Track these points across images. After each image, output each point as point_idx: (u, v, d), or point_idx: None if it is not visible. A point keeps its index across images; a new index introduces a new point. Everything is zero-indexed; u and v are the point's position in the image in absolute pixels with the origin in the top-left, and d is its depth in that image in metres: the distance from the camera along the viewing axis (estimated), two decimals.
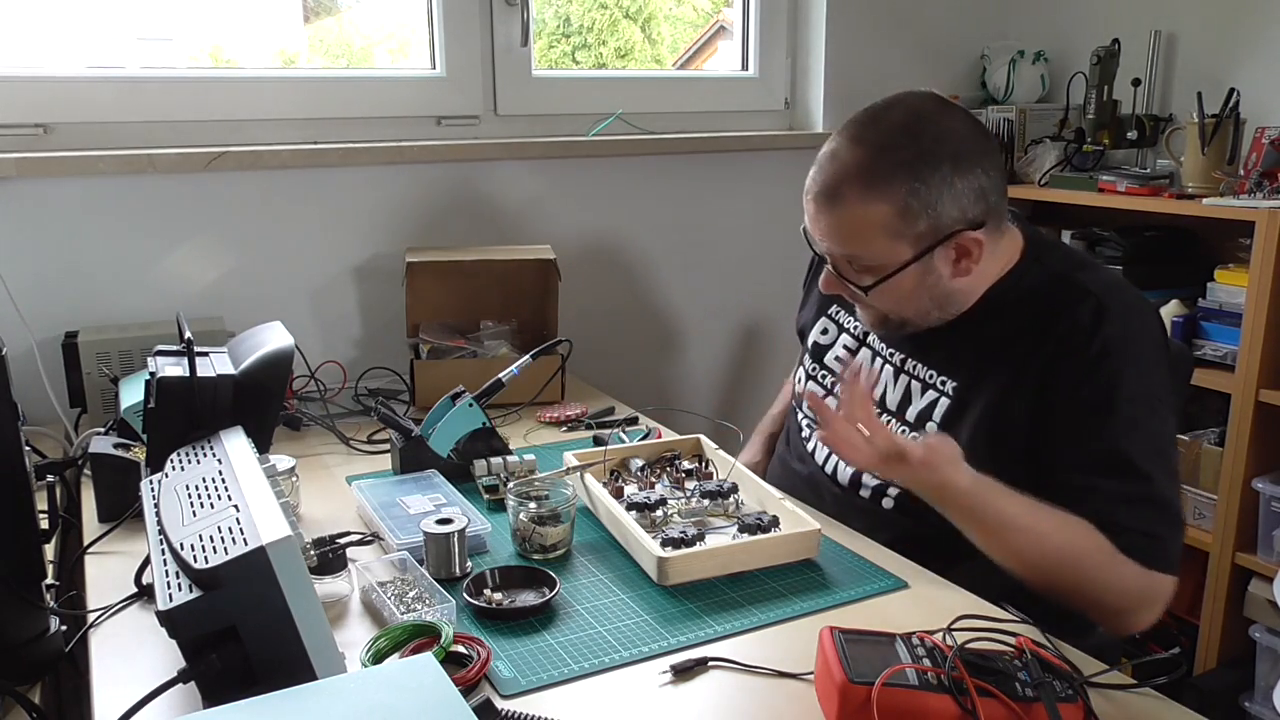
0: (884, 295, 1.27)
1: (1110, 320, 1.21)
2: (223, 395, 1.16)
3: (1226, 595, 2.10)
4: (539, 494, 1.27)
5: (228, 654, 0.82)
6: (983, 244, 1.23)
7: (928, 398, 1.32)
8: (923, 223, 1.20)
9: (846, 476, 1.40)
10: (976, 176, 1.22)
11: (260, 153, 1.92)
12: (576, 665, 1.01)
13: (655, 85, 2.42)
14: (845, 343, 1.47)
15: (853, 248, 1.24)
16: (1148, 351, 1.23)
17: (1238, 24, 2.29)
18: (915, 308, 1.29)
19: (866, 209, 1.20)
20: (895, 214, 1.20)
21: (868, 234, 1.22)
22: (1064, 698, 0.86)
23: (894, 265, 1.23)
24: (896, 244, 1.22)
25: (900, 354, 1.37)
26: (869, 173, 1.20)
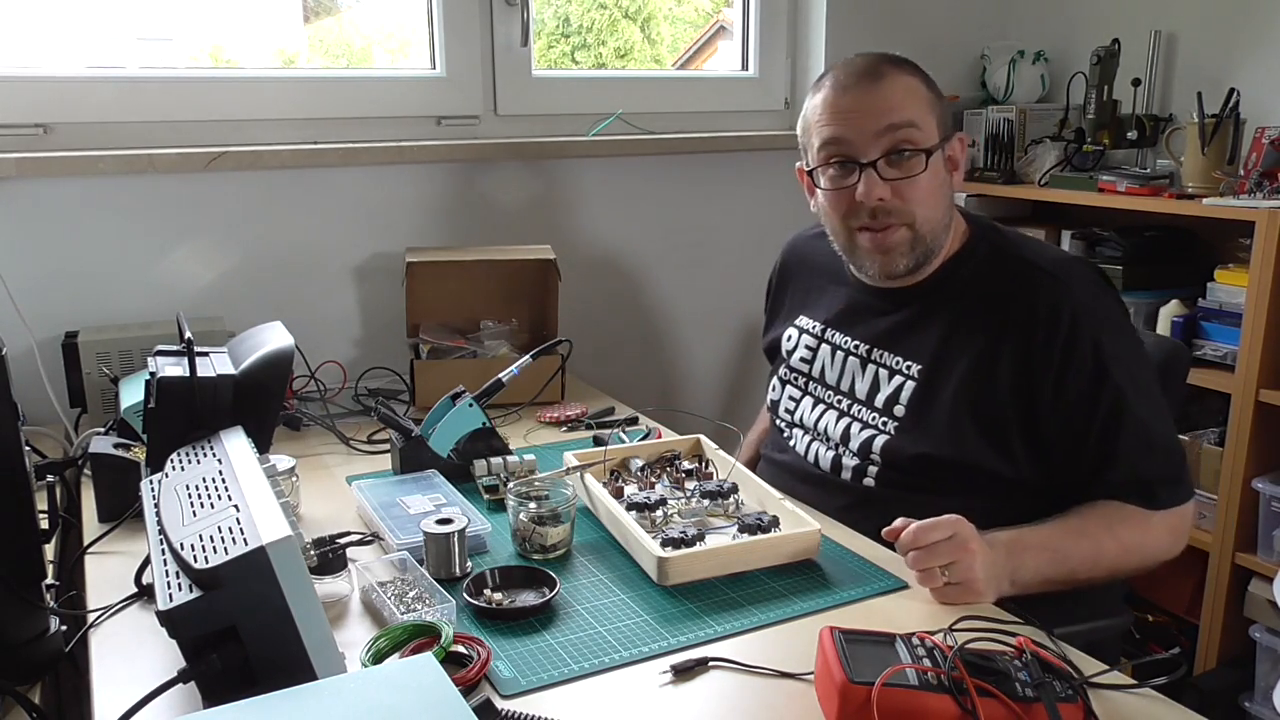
0: (926, 185, 1.32)
1: (1070, 293, 1.30)
2: (223, 395, 1.16)
3: (1226, 595, 2.10)
4: (539, 494, 1.27)
5: (228, 654, 0.82)
6: (965, 148, 1.39)
7: (894, 383, 1.39)
8: (939, 106, 1.35)
9: (827, 461, 1.44)
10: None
11: (260, 153, 1.92)
12: (576, 665, 1.01)
13: (655, 85, 2.42)
14: (806, 342, 1.53)
15: (909, 112, 1.31)
16: (1110, 309, 1.33)
17: (1238, 24, 2.29)
18: (942, 211, 1.35)
19: (909, 79, 1.33)
20: (925, 88, 1.34)
21: (915, 99, 1.32)
22: (1064, 698, 0.86)
23: (934, 140, 1.32)
24: (931, 118, 1.33)
25: (865, 345, 1.44)
26: (891, 60, 1.35)
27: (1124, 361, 1.29)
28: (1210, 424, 2.19)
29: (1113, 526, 1.26)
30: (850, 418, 1.43)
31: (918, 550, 1.13)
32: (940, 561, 1.12)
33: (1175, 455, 1.31)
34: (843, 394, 1.45)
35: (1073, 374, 1.27)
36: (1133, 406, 1.27)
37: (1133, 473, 1.27)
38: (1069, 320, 1.27)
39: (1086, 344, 1.27)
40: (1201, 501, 2.15)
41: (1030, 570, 1.19)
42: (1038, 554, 1.21)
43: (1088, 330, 1.27)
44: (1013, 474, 1.32)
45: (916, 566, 1.13)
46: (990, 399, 1.30)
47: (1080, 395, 1.27)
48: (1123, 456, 1.27)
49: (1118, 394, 1.27)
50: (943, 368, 1.34)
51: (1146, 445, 1.28)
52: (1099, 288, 1.34)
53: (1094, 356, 1.27)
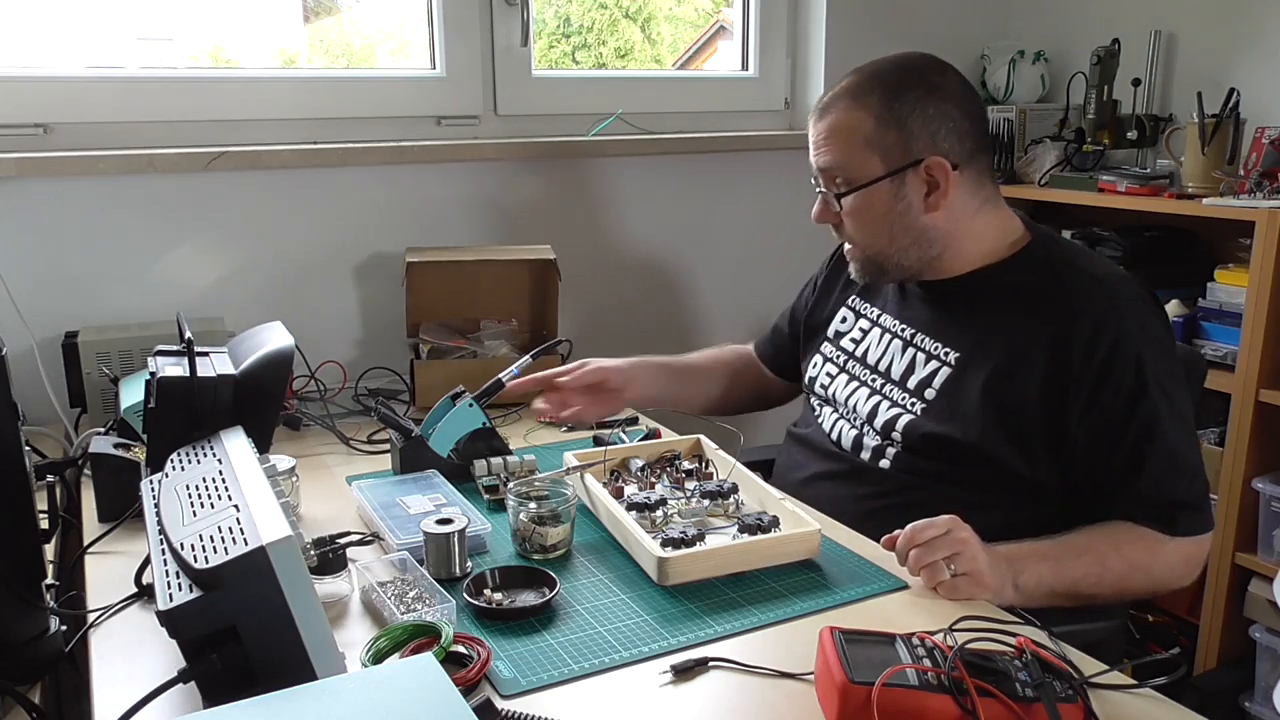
0: (859, 217, 1.37)
1: (1120, 308, 1.29)
2: (223, 395, 1.16)
3: (1226, 595, 2.10)
4: (539, 494, 1.27)
5: (228, 654, 0.82)
6: (951, 179, 1.33)
7: (930, 367, 1.39)
8: (893, 135, 1.32)
9: (849, 439, 1.46)
10: (950, 113, 1.33)
11: (260, 153, 1.92)
12: (576, 665, 1.01)
13: (655, 85, 2.42)
14: (861, 325, 1.54)
15: (834, 154, 1.36)
16: (1158, 330, 1.32)
17: (1238, 24, 2.29)
18: (890, 239, 1.37)
19: (848, 115, 1.34)
20: (872, 122, 1.33)
21: (847, 140, 1.34)
22: (1064, 698, 0.86)
23: (866, 178, 1.34)
24: (871, 155, 1.33)
25: (910, 329, 1.45)
26: (855, 88, 1.36)
27: (1163, 382, 1.27)
28: (1210, 424, 2.19)
29: (1120, 545, 1.25)
30: (881, 396, 1.43)
31: (918, 548, 1.13)
32: (941, 555, 1.12)
33: (1200, 484, 1.29)
34: (879, 374, 1.45)
35: (1110, 387, 1.26)
36: (1166, 428, 1.26)
37: (1155, 493, 1.26)
38: (1113, 333, 1.27)
39: (1129, 359, 1.26)
40: None
41: (1032, 577, 1.19)
42: (1038, 562, 1.20)
43: (1133, 346, 1.26)
44: (1029, 474, 1.31)
45: (919, 564, 1.13)
46: (1018, 396, 1.30)
47: (1114, 409, 1.26)
48: (1147, 475, 1.26)
49: (1153, 413, 1.25)
50: (977, 357, 1.34)
51: (1173, 468, 1.27)
52: (1146, 305, 1.33)
53: (1135, 373, 1.26)
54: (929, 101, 1.32)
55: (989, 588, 1.13)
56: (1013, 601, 1.16)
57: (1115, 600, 1.27)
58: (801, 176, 2.45)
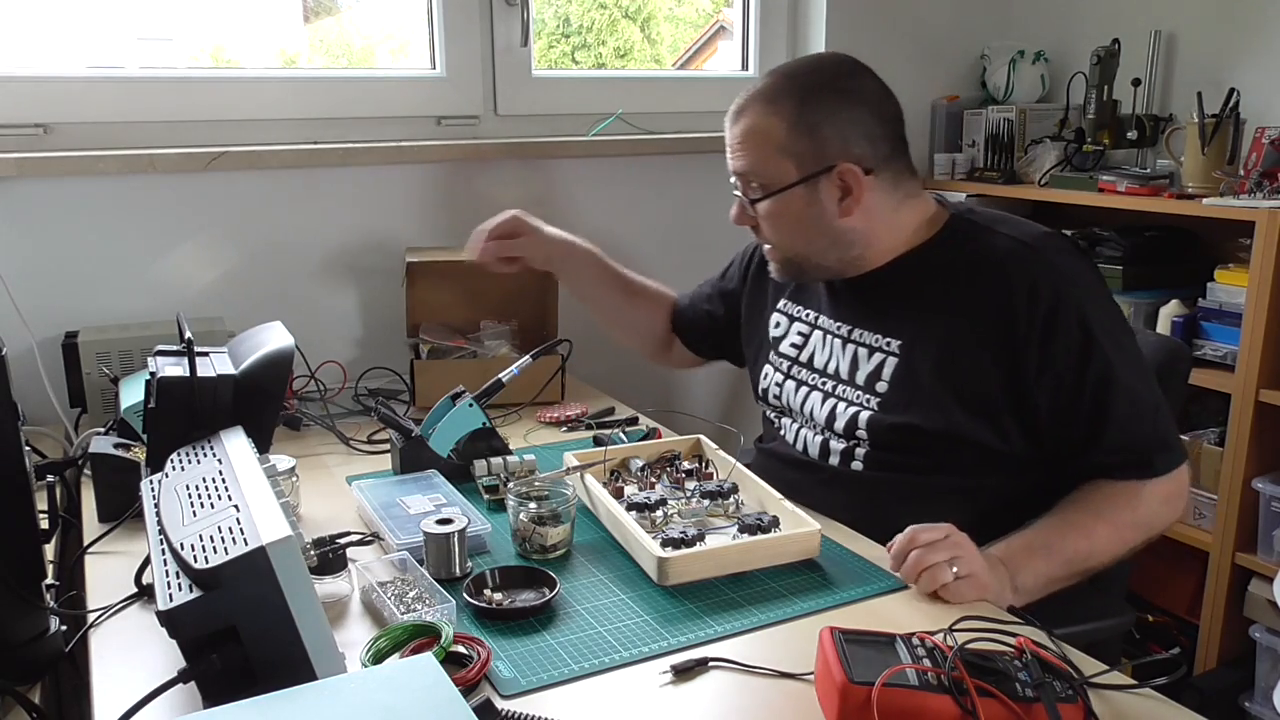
0: (774, 221, 1.38)
1: (1049, 264, 1.30)
2: (223, 395, 1.16)
3: (1226, 595, 2.10)
4: (539, 494, 1.27)
5: (228, 654, 0.82)
6: (863, 184, 1.33)
7: (875, 360, 1.39)
8: (805, 142, 1.32)
9: (815, 447, 1.45)
10: (863, 118, 1.34)
11: (260, 153, 1.92)
12: (576, 665, 1.01)
13: (655, 85, 2.42)
14: (799, 329, 1.53)
15: (749, 160, 1.36)
16: (1091, 280, 1.33)
17: (1238, 24, 2.29)
18: (807, 242, 1.38)
19: (762, 121, 1.35)
20: (785, 128, 1.33)
21: (761, 145, 1.35)
22: (1064, 698, 0.86)
23: (780, 184, 1.35)
24: (784, 161, 1.34)
25: (847, 325, 1.45)
26: (769, 92, 1.36)
27: (1109, 329, 1.29)
28: (1210, 424, 2.19)
29: (1101, 511, 1.26)
30: (835, 397, 1.43)
31: (919, 549, 1.13)
32: (942, 557, 1.12)
33: (1164, 419, 1.31)
34: (828, 376, 1.45)
35: (1059, 345, 1.27)
36: (1121, 374, 1.27)
37: (1124, 440, 1.27)
38: (1049, 291, 1.27)
39: (1071, 315, 1.27)
40: (1201, 501, 2.15)
41: (1030, 573, 1.20)
42: (1030, 557, 1.21)
43: (1071, 299, 1.28)
44: (1001, 446, 1.32)
45: (921, 565, 1.13)
46: (971, 373, 1.31)
47: (1068, 366, 1.27)
48: (1113, 423, 1.27)
49: (1105, 361, 1.27)
50: (920, 342, 1.35)
51: (1136, 412, 1.28)
52: (1074, 257, 1.34)
53: (1080, 326, 1.27)
54: (841, 107, 1.33)
55: (986, 590, 1.14)
56: (1014, 603, 1.17)
57: (1113, 564, 1.27)
58: None
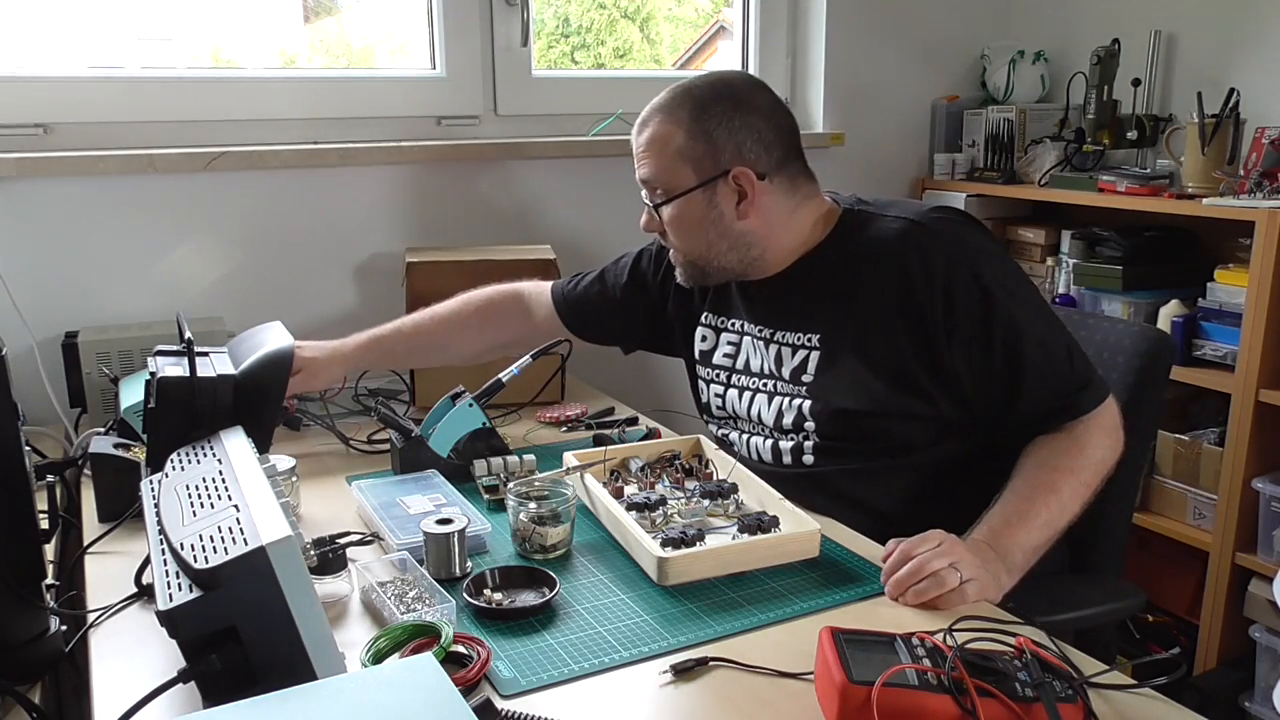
0: (677, 225, 1.42)
1: (935, 234, 1.36)
2: (223, 395, 1.16)
3: (1226, 595, 2.10)
4: (539, 494, 1.27)
5: (228, 654, 0.82)
6: (757, 187, 1.38)
7: (799, 356, 1.43)
8: (702, 147, 1.38)
9: (768, 451, 1.47)
10: (756, 125, 1.38)
11: (260, 153, 1.92)
12: (576, 665, 1.01)
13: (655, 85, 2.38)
14: (728, 339, 1.55)
15: (651, 167, 1.41)
16: (978, 241, 1.38)
17: (1238, 24, 2.29)
18: (708, 245, 1.42)
19: (662, 129, 1.40)
20: (683, 136, 1.38)
21: (662, 153, 1.40)
22: (1064, 698, 0.86)
23: (680, 188, 1.40)
24: (683, 167, 1.39)
25: (767, 328, 1.48)
26: (668, 103, 1.42)
27: (1005, 285, 1.33)
28: (1210, 424, 2.19)
29: (1053, 463, 1.29)
30: (778, 395, 1.46)
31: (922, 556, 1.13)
32: (942, 564, 1.12)
33: (1078, 358, 1.35)
34: (765, 376, 1.48)
35: (961, 310, 1.31)
36: (1025, 325, 1.31)
37: (1046, 386, 1.31)
38: (943, 258, 1.32)
39: (965, 274, 1.31)
40: (1201, 501, 2.15)
41: (1017, 551, 1.21)
42: (1010, 532, 1.22)
43: (962, 262, 1.32)
44: (933, 414, 1.36)
45: (924, 571, 1.12)
46: (887, 351, 1.35)
47: (974, 327, 1.31)
48: (1031, 373, 1.31)
49: (1008, 317, 1.31)
50: (836, 333, 1.39)
51: (1050, 357, 1.32)
52: (963, 226, 1.40)
53: (977, 287, 1.31)
54: (734, 115, 1.38)
55: (987, 590, 1.14)
56: (1010, 585, 1.18)
57: (1084, 509, 1.29)
58: None
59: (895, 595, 1.13)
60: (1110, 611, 1.39)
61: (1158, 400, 1.57)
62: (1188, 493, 2.16)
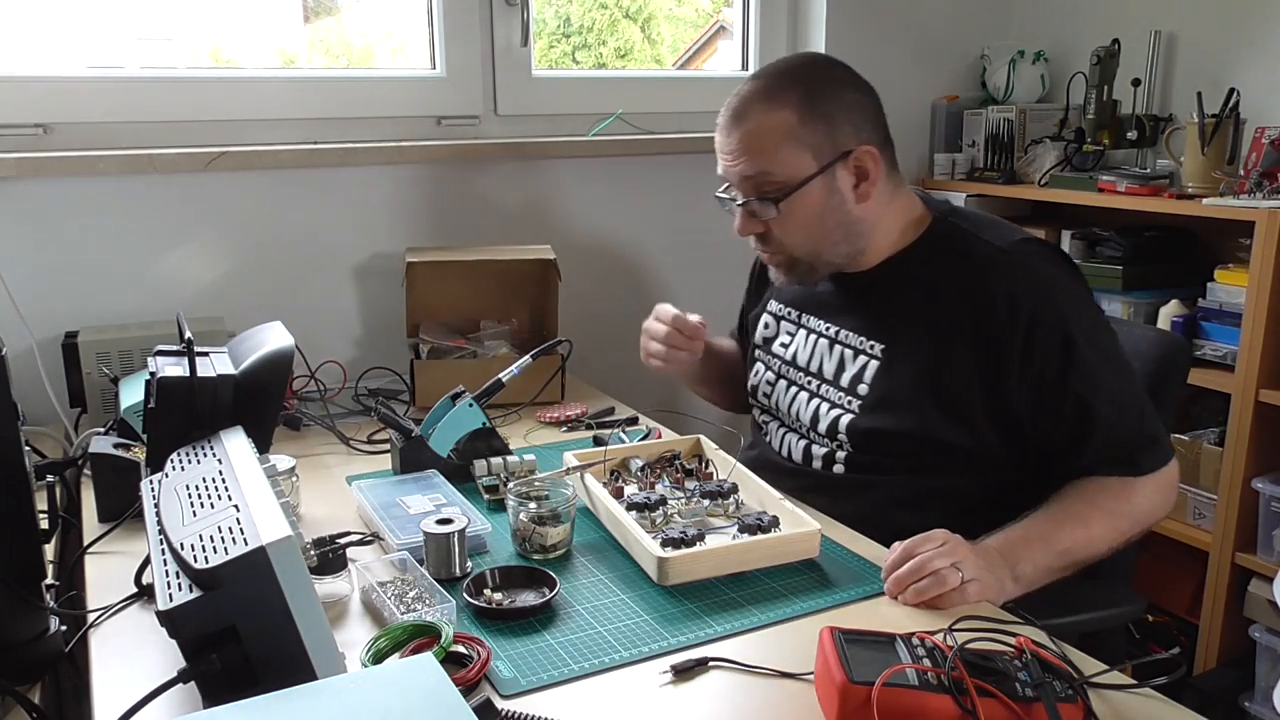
0: (794, 220, 1.34)
1: (1028, 270, 1.31)
2: (223, 395, 1.16)
3: (1226, 595, 2.10)
4: (539, 494, 1.27)
5: (228, 654, 0.82)
6: (880, 164, 1.33)
7: (859, 362, 1.40)
8: (821, 131, 1.31)
9: (799, 452, 1.46)
10: (863, 101, 1.34)
11: (260, 153, 1.92)
12: (576, 665, 1.01)
13: (655, 85, 2.42)
14: (786, 328, 1.54)
15: (761, 160, 1.32)
16: (1070, 284, 1.34)
17: (1238, 24, 2.29)
18: (824, 236, 1.36)
19: (771, 116, 1.31)
20: (796, 119, 1.30)
21: (773, 142, 1.31)
22: (1064, 698, 0.86)
23: (800, 177, 1.31)
24: (801, 154, 1.31)
25: (834, 326, 1.45)
26: (769, 90, 1.32)
27: (1088, 332, 1.29)
28: (1210, 424, 2.19)
29: (1096, 501, 1.27)
30: (819, 398, 1.44)
31: (924, 554, 1.13)
32: (944, 563, 1.12)
33: (1149, 418, 1.32)
34: (813, 375, 1.46)
35: (1040, 350, 1.28)
36: (1103, 377, 1.28)
37: (1112, 442, 1.28)
38: (1030, 299, 1.28)
39: (1052, 317, 1.28)
40: (1201, 501, 2.15)
41: (1028, 564, 1.20)
42: (1028, 546, 1.21)
43: (1051, 304, 1.28)
44: (975, 446, 1.33)
45: (925, 570, 1.12)
46: (952, 378, 1.32)
47: (1050, 372, 1.28)
48: (1101, 426, 1.27)
49: (1086, 366, 1.27)
50: (903, 347, 1.36)
51: (1121, 413, 1.29)
52: (1055, 265, 1.35)
53: (1060, 328, 1.27)
54: (843, 91, 1.33)
55: (987, 591, 1.13)
56: (1014, 594, 1.17)
57: (1111, 553, 1.28)
58: None
59: (895, 593, 1.13)
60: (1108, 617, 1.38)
61: (1171, 405, 1.54)
62: (1188, 493, 2.16)
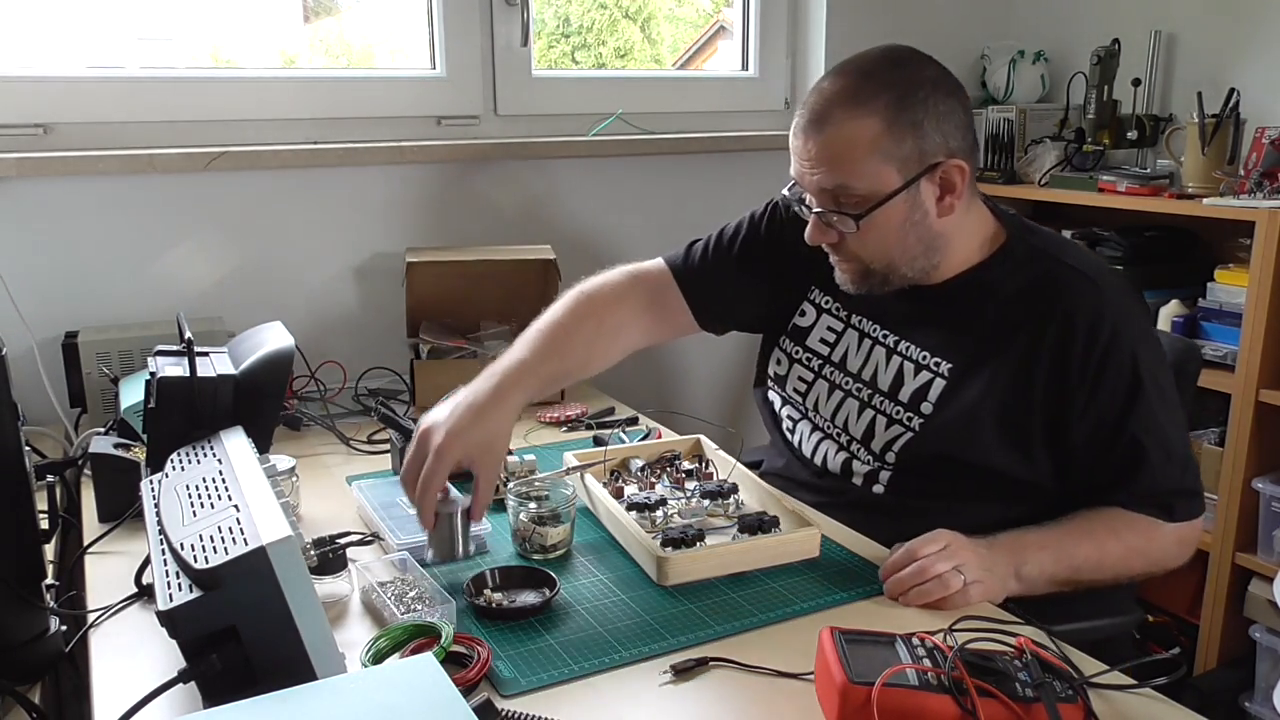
0: (873, 234, 1.24)
1: (1110, 302, 1.26)
2: (223, 395, 1.16)
3: (1226, 595, 2.09)
4: (539, 494, 1.27)
5: (228, 654, 0.82)
6: (966, 178, 1.24)
7: (921, 378, 1.33)
8: (909, 143, 1.20)
9: (837, 463, 1.40)
10: (954, 107, 1.23)
11: (260, 153, 1.91)
12: (576, 665, 1.01)
13: (655, 85, 2.42)
14: (830, 324, 1.45)
15: (843, 172, 1.21)
16: (1144, 321, 1.32)
17: (1238, 24, 2.29)
18: (903, 250, 1.27)
19: (855, 125, 1.20)
20: (883, 130, 1.19)
21: (857, 154, 1.20)
22: (1064, 698, 0.86)
23: (884, 192, 1.21)
24: (885, 167, 1.20)
25: (893, 335, 1.37)
26: (855, 93, 1.21)
27: (1155, 373, 1.26)
28: (1210, 424, 2.19)
29: (1117, 530, 1.25)
30: (874, 410, 1.36)
31: (925, 559, 1.12)
32: (946, 566, 1.11)
33: (1192, 470, 1.29)
34: (864, 383, 1.38)
35: (1107, 385, 1.24)
36: (1161, 421, 1.25)
37: (1154, 485, 1.26)
38: (1110, 330, 1.23)
39: (1125, 355, 1.24)
40: None
41: (1034, 566, 1.19)
42: (1039, 551, 1.20)
43: (1126, 341, 1.24)
44: (1029, 476, 1.29)
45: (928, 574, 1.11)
46: (1021, 403, 1.27)
47: (1112, 407, 1.24)
48: (1147, 469, 1.25)
49: (1148, 408, 1.24)
50: (974, 368, 1.29)
51: (1169, 459, 1.26)
52: (1130, 297, 1.31)
53: (1131, 368, 1.24)
54: (934, 97, 1.21)
55: (990, 592, 1.13)
56: (1015, 592, 1.17)
57: (1112, 584, 1.27)
58: None
59: (895, 595, 1.13)
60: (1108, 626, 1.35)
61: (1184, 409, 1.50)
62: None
